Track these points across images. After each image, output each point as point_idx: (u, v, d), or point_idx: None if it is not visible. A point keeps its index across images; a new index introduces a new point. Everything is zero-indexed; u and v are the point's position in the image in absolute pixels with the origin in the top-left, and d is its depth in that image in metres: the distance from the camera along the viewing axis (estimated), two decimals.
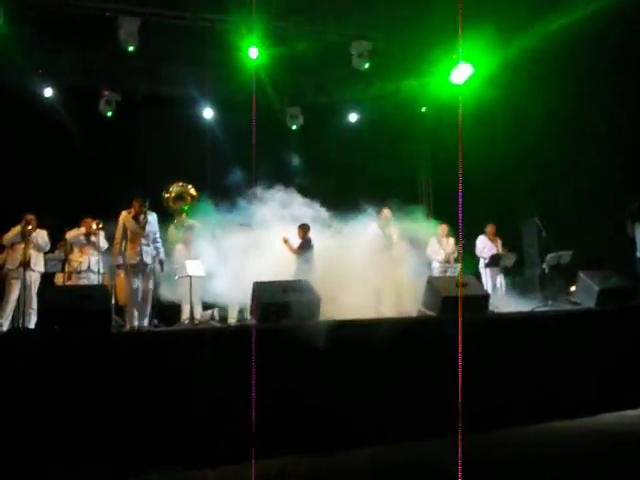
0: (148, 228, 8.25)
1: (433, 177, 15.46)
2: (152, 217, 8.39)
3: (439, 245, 10.93)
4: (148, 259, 8.27)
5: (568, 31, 10.14)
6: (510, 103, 12.22)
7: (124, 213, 8.28)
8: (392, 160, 14.09)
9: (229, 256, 9.44)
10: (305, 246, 9.57)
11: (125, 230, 8.21)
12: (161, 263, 8.48)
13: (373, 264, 9.59)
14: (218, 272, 9.24)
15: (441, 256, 10.84)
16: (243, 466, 5.04)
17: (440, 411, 6.05)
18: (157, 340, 5.97)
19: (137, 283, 8.24)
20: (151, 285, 8.42)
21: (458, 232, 10.47)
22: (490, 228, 11.12)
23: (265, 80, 13.82)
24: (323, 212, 10.15)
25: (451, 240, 10.96)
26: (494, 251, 10.87)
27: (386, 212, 10.25)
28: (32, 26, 10.60)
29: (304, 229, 9.66)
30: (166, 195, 11.29)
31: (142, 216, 8.27)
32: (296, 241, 9.69)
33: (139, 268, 8.23)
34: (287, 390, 5.63)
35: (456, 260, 10.69)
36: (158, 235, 8.48)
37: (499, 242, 11.03)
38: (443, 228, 11.09)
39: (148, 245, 8.27)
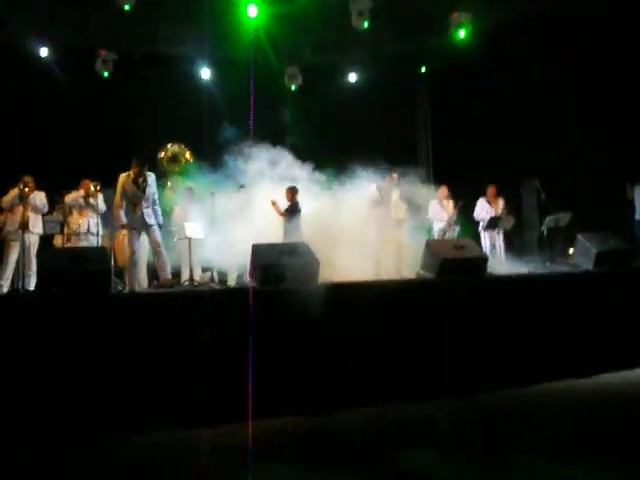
0: (148, 191, 8.16)
1: (432, 138, 15.36)
2: (151, 179, 8.26)
3: (440, 207, 10.90)
4: (151, 220, 8.21)
5: None
6: (509, 61, 12.10)
7: (123, 176, 8.17)
8: (391, 121, 14.02)
9: (227, 218, 9.45)
10: (292, 209, 9.45)
11: (125, 193, 8.13)
12: (159, 226, 8.44)
13: (372, 226, 9.64)
14: (216, 234, 9.25)
15: (444, 217, 10.81)
16: (242, 425, 5.14)
17: (436, 373, 6.15)
18: (157, 301, 6.00)
19: (138, 246, 8.21)
20: (159, 238, 8.27)
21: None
22: (491, 190, 11.05)
23: (263, 39, 13.69)
24: (320, 174, 10.10)
25: (451, 202, 10.93)
26: (492, 214, 10.84)
27: (394, 177, 10.33)
28: None
29: (292, 191, 9.53)
30: (161, 155, 11.20)
31: (141, 179, 8.16)
32: (284, 204, 9.59)
33: (141, 230, 8.19)
34: (285, 351, 5.67)
35: (456, 222, 10.67)
36: (157, 197, 8.41)
37: (501, 204, 10.95)
38: (443, 190, 11.05)
39: (148, 207, 8.19)
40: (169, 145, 11.18)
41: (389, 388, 5.89)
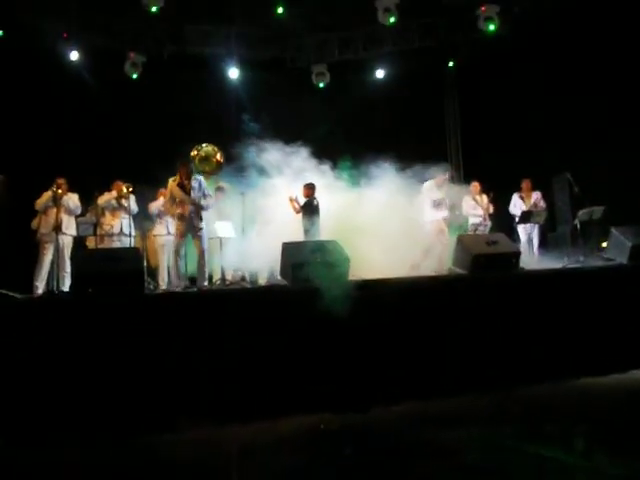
0: (193, 194, 8.25)
1: (462, 133, 15.25)
2: (196, 182, 8.35)
3: (474, 202, 10.82)
4: (200, 223, 8.30)
5: None
6: (539, 54, 11.96)
7: (170, 180, 8.34)
8: (420, 116, 13.96)
9: (258, 218, 9.50)
10: (308, 206, 9.42)
11: (172, 197, 8.26)
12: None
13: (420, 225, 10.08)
14: (247, 234, 9.31)
15: (479, 212, 10.73)
16: (275, 422, 5.15)
17: (471, 368, 6.10)
18: (190, 301, 6.05)
19: (183, 250, 8.30)
20: (205, 245, 8.38)
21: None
22: (525, 184, 10.97)
23: (291, 38, 13.74)
24: (350, 171, 10.11)
25: (484, 197, 10.84)
26: (524, 208, 10.75)
27: (444, 176, 10.47)
28: None
29: (309, 188, 9.50)
30: (194, 152, 11.21)
31: (187, 182, 8.26)
32: (302, 201, 9.56)
33: (189, 233, 8.28)
34: (318, 348, 5.67)
35: (490, 217, 10.60)
36: (207, 194, 8.49)
37: (533, 197, 10.83)
38: (476, 186, 10.98)
39: (197, 211, 8.28)
40: (202, 146, 11.21)
41: (425, 383, 5.86)
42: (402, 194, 10.15)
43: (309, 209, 9.34)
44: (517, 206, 10.87)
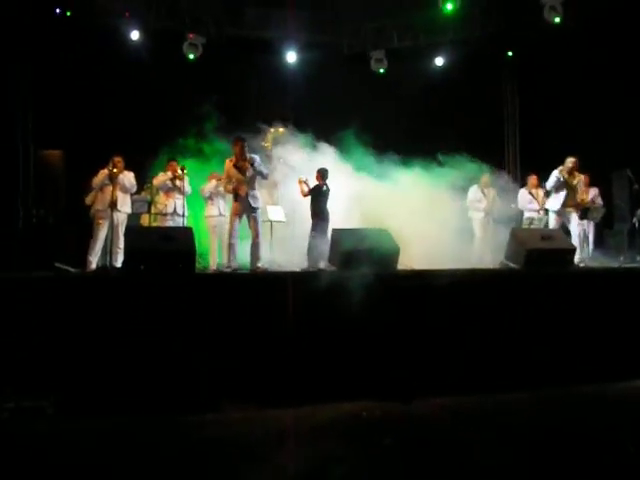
0: (249, 174, 8.26)
1: (520, 125, 14.94)
2: (254, 161, 8.31)
3: (531, 196, 10.59)
4: (256, 203, 8.31)
5: None
6: (602, 45, 11.61)
7: (227, 161, 8.38)
8: (478, 105, 13.73)
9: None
10: (316, 191, 9.23)
11: (229, 177, 8.30)
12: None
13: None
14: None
15: (535, 206, 10.51)
16: (318, 408, 5.16)
17: (519, 365, 6.00)
18: (240, 282, 6.10)
19: (237, 230, 8.31)
20: (259, 227, 8.40)
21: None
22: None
23: (348, 23, 13.63)
24: (404, 159, 10.06)
25: (541, 191, 10.59)
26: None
27: (485, 178, 10.75)
28: None
29: (320, 173, 9.31)
30: (265, 144, 11.25)
31: (242, 162, 8.27)
32: (312, 185, 9.40)
33: (245, 213, 8.29)
34: (366, 336, 5.65)
35: (546, 212, 10.35)
36: (264, 171, 8.49)
37: (592, 193, 10.54)
38: (533, 179, 10.74)
39: (254, 189, 8.31)
40: (268, 135, 11.25)
41: (468, 379, 5.79)
42: (452, 187, 10.10)
43: (317, 194, 9.20)
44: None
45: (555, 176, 9.59)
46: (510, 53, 14.03)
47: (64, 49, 11.52)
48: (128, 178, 9.28)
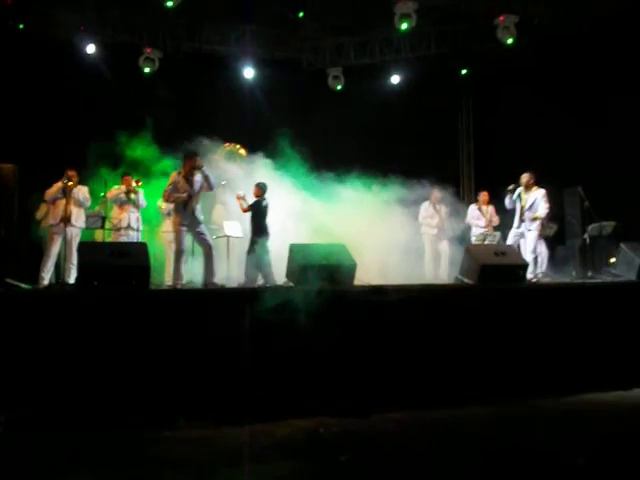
0: (197, 187, 8.16)
1: (474, 141, 15.21)
2: (201, 174, 8.16)
3: (480, 212, 10.77)
4: (200, 217, 8.18)
5: None
6: (555, 65, 11.92)
7: (174, 173, 8.25)
8: (433, 123, 13.94)
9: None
10: (256, 206, 8.93)
11: (176, 189, 8.09)
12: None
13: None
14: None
15: (482, 222, 10.66)
16: (276, 425, 5.13)
17: (475, 379, 6.07)
18: (195, 298, 6.03)
19: (186, 243, 8.16)
20: (210, 239, 8.24)
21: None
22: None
23: (308, 40, 13.73)
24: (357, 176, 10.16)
25: (491, 208, 10.79)
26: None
27: (436, 194, 10.88)
28: None
29: (259, 188, 9.03)
30: (215, 157, 11.20)
31: (192, 176, 8.17)
32: (251, 200, 9.15)
33: (192, 227, 8.12)
34: (322, 351, 5.64)
35: (496, 228, 10.52)
36: (212, 181, 8.31)
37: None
38: (484, 195, 10.93)
39: (198, 202, 8.15)
40: (220, 148, 11.21)
41: (425, 393, 5.83)
42: (405, 203, 10.23)
43: (257, 209, 8.93)
44: (475, 217, 10.80)
45: (509, 195, 9.65)
46: (464, 71, 14.26)
47: (17, 62, 11.33)
48: (82, 192, 9.15)
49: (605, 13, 10.91)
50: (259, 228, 8.74)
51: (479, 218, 10.76)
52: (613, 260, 9.11)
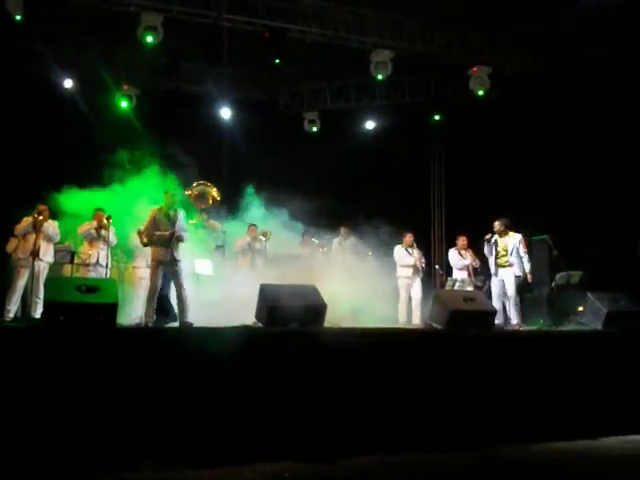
0: (177, 225, 8.08)
1: (445, 187, 15.43)
2: (181, 214, 8.14)
3: (459, 256, 10.75)
4: (178, 256, 7.97)
5: None
6: (527, 117, 12.22)
7: (154, 208, 8.16)
8: (406, 168, 14.14)
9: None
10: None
11: (155, 225, 7.96)
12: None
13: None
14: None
15: (464, 263, 10.64)
16: (241, 468, 5.05)
17: (443, 425, 6.05)
18: (162, 337, 5.98)
19: (160, 280, 7.96)
20: (183, 279, 8.01)
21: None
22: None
23: (285, 83, 13.95)
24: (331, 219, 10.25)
25: (469, 252, 10.82)
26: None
27: (409, 237, 10.86)
28: (55, 19, 10.67)
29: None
30: (188, 192, 11.22)
31: (172, 213, 8.12)
32: None
33: (168, 265, 7.93)
34: (289, 394, 5.60)
35: (476, 271, 10.52)
36: (186, 233, 8.18)
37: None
38: (462, 239, 10.95)
39: (178, 242, 8.04)
40: (195, 185, 11.25)
41: (392, 438, 5.79)
42: (376, 246, 10.30)
43: None
44: (458, 259, 10.74)
45: (487, 243, 9.70)
46: (438, 117, 14.53)
47: None
48: (52, 227, 9.05)
49: (578, 62, 11.26)
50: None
51: (459, 260, 10.70)
52: (580, 309, 9.22)
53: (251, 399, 5.46)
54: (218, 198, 11.45)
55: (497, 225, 9.71)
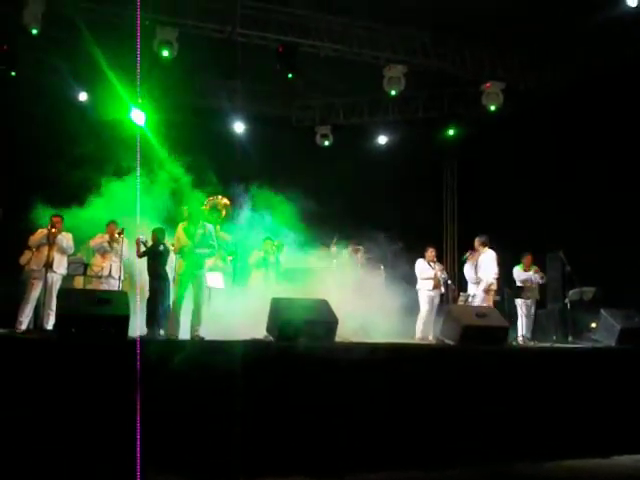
0: (197, 239, 8.13)
1: (458, 202, 15.41)
2: (201, 229, 8.25)
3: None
4: (199, 268, 8.16)
5: None
6: (541, 132, 12.21)
7: (181, 224, 8.31)
8: (418, 183, 14.14)
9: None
10: (151, 252, 8.47)
11: (179, 240, 8.16)
12: None
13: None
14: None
15: (429, 275, 10.53)
16: None
17: (453, 440, 6.00)
18: (173, 350, 5.96)
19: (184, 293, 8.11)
20: (202, 295, 8.22)
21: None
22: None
23: (297, 98, 14.02)
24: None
25: (438, 265, 10.71)
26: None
27: (430, 252, 10.67)
28: (69, 31, 10.78)
29: (155, 233, 8.59)
30: (205, 206, 11.27)
31: (193, 228, 8.18)
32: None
33: (190, 277, 8.10)
34: (298, 409, 5.58)
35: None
36: (212, 242, 8.37)
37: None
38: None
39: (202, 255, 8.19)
40: (208, 199, 11.30)
41: (400, 454, 5.76)
42: (389, 260, 10.24)
43: (152, 255, 8.49)
44: (423, 271, 10.63)
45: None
46: (451, 132, 14.53)
47: (7, 107, 11.43)
48: (66, 239, 9.09)
49: (591, 78, 11.26)
50: (155, 274, 8.41)
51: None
52: (594, 325, 9.15)
53: (261, 413, 5.44)
54: (230, 211, 11.49)
55: (475, 241, 10.09)
